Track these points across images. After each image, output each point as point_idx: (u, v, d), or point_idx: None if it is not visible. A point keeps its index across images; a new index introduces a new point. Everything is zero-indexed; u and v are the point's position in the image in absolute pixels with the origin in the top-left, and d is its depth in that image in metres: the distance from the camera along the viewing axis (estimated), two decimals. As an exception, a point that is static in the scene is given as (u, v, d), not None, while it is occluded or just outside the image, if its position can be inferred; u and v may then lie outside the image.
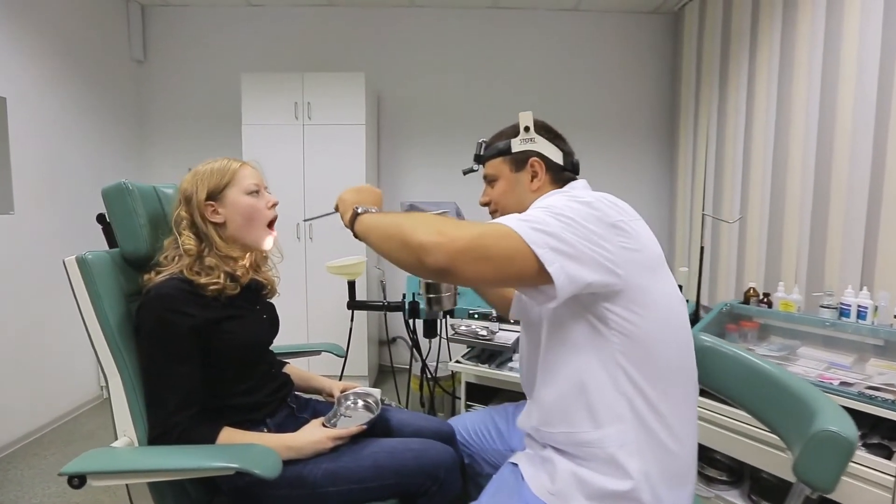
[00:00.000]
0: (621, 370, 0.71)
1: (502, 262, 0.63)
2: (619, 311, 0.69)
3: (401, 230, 0.65)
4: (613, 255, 0.67)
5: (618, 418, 0.72)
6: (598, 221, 0.67)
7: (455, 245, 0.61)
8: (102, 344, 0.86)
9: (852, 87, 1.76)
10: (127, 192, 0.92)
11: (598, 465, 0.74)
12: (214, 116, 3.00)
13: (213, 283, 0.92)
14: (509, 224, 0.65)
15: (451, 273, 0.62)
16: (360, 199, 0.87)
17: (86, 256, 0.86)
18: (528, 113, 0.91)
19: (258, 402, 0.98)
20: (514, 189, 0.92)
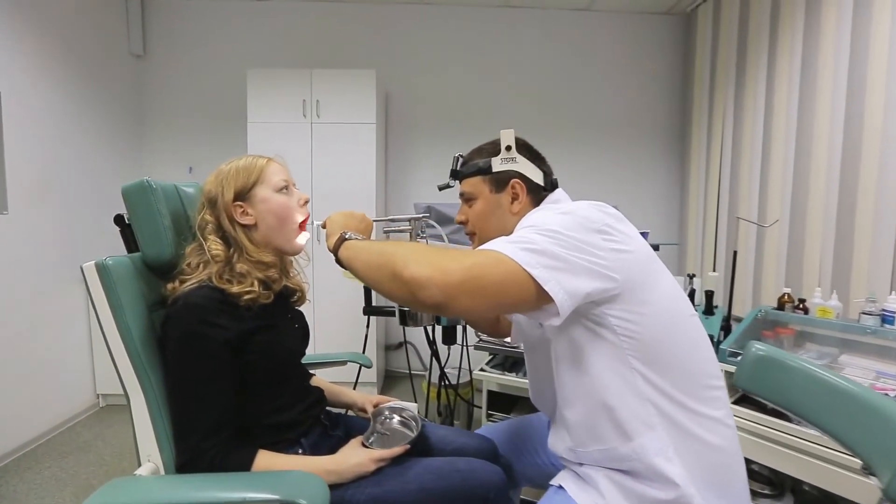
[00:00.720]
0: (638, 375, 0.69)
1: (499, 289, 0.61)
2: (621, 314, 0.68)
3: (391, 261, 0.62)
4: (606, 259, 0.65)
5: (647, 426, 0.70)
6: (584, 229, 0.66)
7: (449, 278, 0.58)
8: (124, 359, 0.77)
9: (882, 89, 1.72)
10: (150, 191, 0.84)
11: (642, 477, 0.71)
12: (218, 114, 2.90)
13: (247, 291, 0.84)
14: (499, 249, 0.63)
15: (448, 307, 0.59)
16: (349, 225, 0.84)
17: (106, 262, 0.77)
18: (510, 131, 0.87)
19: (292, 420, 0.90)
20: (493, 211, 0.88)
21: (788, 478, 1.33)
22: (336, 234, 0.81)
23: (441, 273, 0.58)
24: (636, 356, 0.69)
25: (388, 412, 1.07)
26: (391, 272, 0.62)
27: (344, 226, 0.84)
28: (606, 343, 0.69)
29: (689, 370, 0.71)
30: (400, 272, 0.60)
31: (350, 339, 2.38)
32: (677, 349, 0.71)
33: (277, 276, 0.92)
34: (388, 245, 0.70)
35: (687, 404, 0.70)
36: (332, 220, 0.87)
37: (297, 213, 0.94)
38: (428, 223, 1.19)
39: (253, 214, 0.90)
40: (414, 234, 1.08)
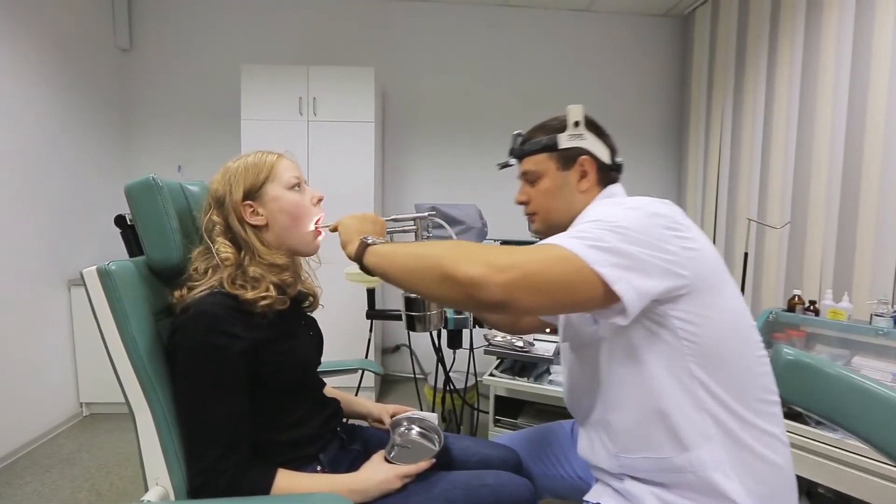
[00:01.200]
0: (697, 382, 0.65)
1: (563, 287, 0.58)
2: (685, 315, 0.64)
3: (438, 263, 0.59)
4: (677, 256, 0.62)
5: (705, 437, 0.66)
6: (654, 225, 0.63)
7: (509, 276, 0.55)
8: (129, 373, 0.70)
9: (885, 90, 1.73)
10: (157, 190, 0.77)
11: (693, 492, 0.67)
12: (209, 111, 2.80)
13: (263, 296, 0.78)
14: (564, 245, 0.59)
15: (508, 306, 0.56)
16: (365, 229, 0.80)
17: (109, 267, 0.70)
18: (579, 106, 0.83)
19: (310, 435, 0.84)
20: (560, 189, 0.83)
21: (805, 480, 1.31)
22: (354, 239, 0.76)
23: (498, 271, 0.55)
24: (697, 362, 0.65)
25: (407, 423, 1.02)
26: (440, 274, 0.58)
27: (360, 230, 0.79)
28: (666, 345, 0.66)
29: (749, 382, 0.68)
30: (452, 273, 0.57)
31: (349, 344, 2.32)
32: (739, 359, 0.67)
33: (292, 279, 0.86)
34: (425, 246, 0.66)
35: (746, 418, 0.66)
36: (346, 224, 0.81)
37: (311, 211, 0.88)
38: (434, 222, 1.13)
39: (264, 214, 0.84)
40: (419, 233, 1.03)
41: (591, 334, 0.75)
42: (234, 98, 2.49)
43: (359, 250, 0.74)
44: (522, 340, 1.61)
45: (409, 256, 0.66)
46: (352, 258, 0.76)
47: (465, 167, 3.01)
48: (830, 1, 1.96)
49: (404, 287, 0.68)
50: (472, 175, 3.01)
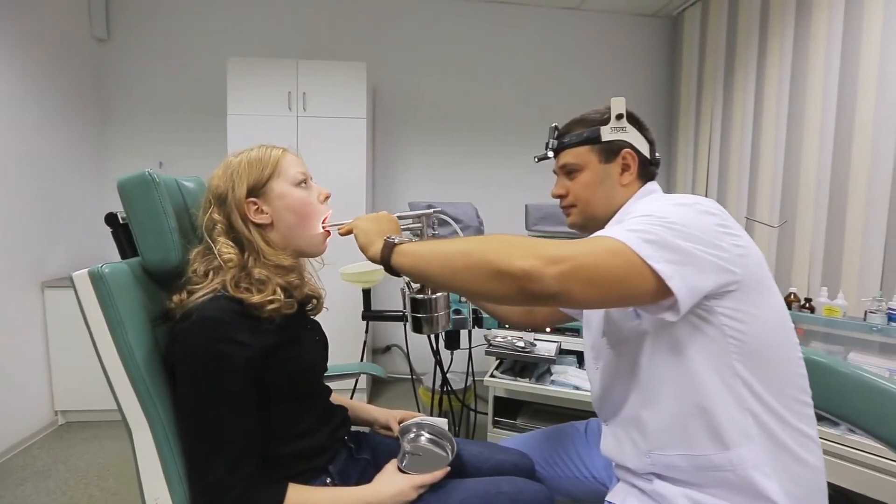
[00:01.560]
0: (740, 380, 0.65)
1: (615, 280, 0.58)
2: (733, 312, 0.64)
3: (485, 259, 0.58)
4: (728, 253, 0.62)
5: (746, 436, 0.66)
6: (706, 222, 0.63)
7: (563, 268, 0.55)
8: (125, 385, 0.65)
9: (873, 91, 1.77)
10: (153, 186, 0.71)
11: (729, 492, 0.67)
12: (193, 105, 2.69)
13: (270, 300, 0.73)
14: (618, 238, 0.59)
15: (561, 298, 0.57)
16: (384, 229, 0.77)
17: (102, 270, 0.65)
18: (621, 99, 0.82)
19: (319, 445, 0.80)
20: (602, 182, 0.83)
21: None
22: (376, 241, 0.73)
23: (551, 262, 0.55)
24: (741, 360, 0.65)
25: (416, 429, 0.98)
26: (490, 269, 0.57)
27: (379, 231, 0.75)
28: (711, 341, 0.65)
29: (789, 382, 0.68)
30: (503, 267, 0.56)
31: (343, 345, 2.25)
32: (781, 358, 0.67)
33: (299, 281, 0.82)
34: (462, 242, 0.65)
35: (786, 418, 0.66)
36: (362, 227, 0.77)
37: (319, 209, 0.84)
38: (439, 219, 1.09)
39: (269, 212, 0.79)
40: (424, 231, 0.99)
41: (632, 329, 0.74)
42: (220, 92, 2.40)
43: (384, 252, 0.70)
44: (523, 341, 1.59)
45: (449, 255, 0.63)
46: (376, 260, 0.72)
47: (458, 165, 2.98)
48: (820, 3, 2.00)
49: (443, 285, 0.66)
50: (465, 174, 2.98)
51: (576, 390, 1.52)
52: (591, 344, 0.92)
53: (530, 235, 2.10)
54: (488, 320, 1.73)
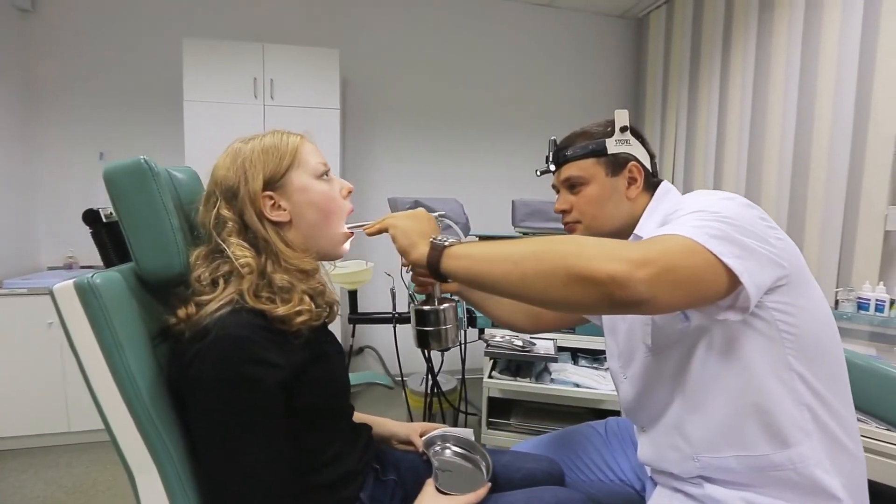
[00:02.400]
0: (796, 375, 0.64)
1: (695, 281, 0.55)
2: (783, 306, 0.63)
3: (562, 263, 0.53)
4: (776, 247, 0.61)
5: (805, 433, 0.64)
6: (752, 217, 0.62)
7: (651, 271, 0.51)
8: (126, 423, 0.53)
9: (832, 90, 1.89)
10: (152, 177, 0.58)
11: (790, 491, 0.65)
12: (140, 88, 2.40)
13: (298, 311, 0.62)
14: (689, 235, 0.56)
15: (648, 305, 0.52)
16: (426, 229, 0.70)
17: (93, 281, 0.52)
18: (625, 111, 0.81)
19: (351, 471, 0.71)
20: (610, 196, 0.81)
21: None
22: (420, 242, 0.66)
23: (639, 266, 0.50)
24: (795, 354, 0.63)
25: (441, 442, 0.91)
26: (569, 275, 0.52)
27: (421, 231, 0.68)
28: (764, 338, 0.64)
29: (839, 375, 0.67)
30: (586, 272, 0.51)
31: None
32: (831, 350, 0.67)
33: (322, 287, 0.72)
34: (529, 244, 0.58)
35: (839, 411, 0.65)
36: (401, 227, 0.69)
37: (343, 206, 0.74)
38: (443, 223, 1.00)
39: (287, 208, 0.68)
40: None
41: (680, 332, 0.71)
42: (173, 75, 2.16)
43: (433, 255, 0.63)
44: (521, 340, 1.56)
45: (517, 256, 0.57)
46: (421, 264, 0.64)
47: (437, 161, 2.90)
48: (781, 6, 2.11)
49: (505, 291, 0.58)
50: (445, 169, 2.91)
51: (576, 388, 1.51)
52: (618, 352, 0.89)
53: (517, 232, 2.07)
54: (481, 320, 1.68)
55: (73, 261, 2.28)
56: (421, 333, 0.77)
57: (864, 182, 1.82)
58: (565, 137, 0.86)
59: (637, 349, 0.83)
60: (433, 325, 0.75)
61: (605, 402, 1.56)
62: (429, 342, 0.76)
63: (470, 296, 0.93)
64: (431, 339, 0.76)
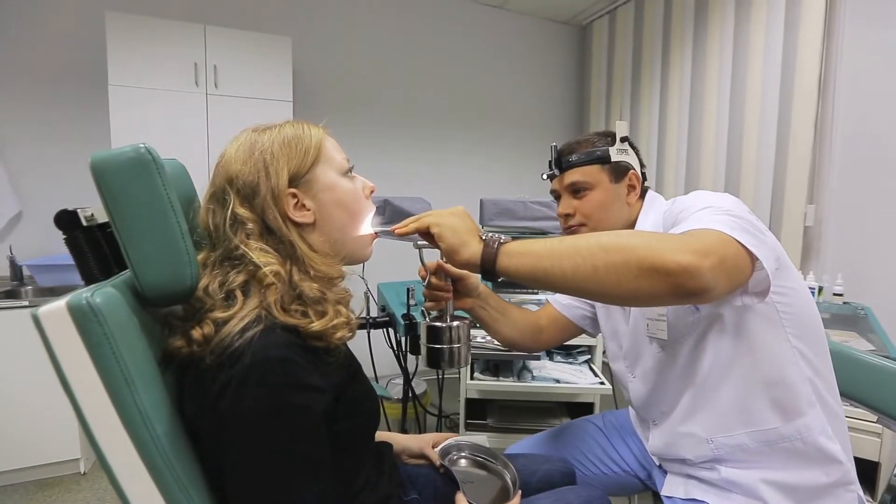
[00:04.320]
0: (797, 352, 0.70)
1: (737, 268, 0.58)
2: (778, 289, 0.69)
3: (634, 255, 0.54)
4: (768, 236, 0.66)
5: (809, 404, 0.71)
6: (746, 210, 0.67)
7: (714, 261, 0.54)
8: (141, 475, 0.42)
9: (758, 95, 2.12)
10: (156, 169, 0.47)
11: (802, 462, 0.71)
12: (51, 69, 2.03)
13: (334, 325, 0.55)
14: (719, 228, 0.59)
15: (710, 293, 0.54)
16: (471, 227, 0.67)
17: (93, 300, 0.40)
18: (625, 123, 0.88)
19: (384, 496, 0.64)
20: (613, 202, 0.86)
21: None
22: (471, 240, 0.63)
23: (703, 256, 0.53)
24: (794, 332, 0.70)
25: (456, 451, 0.87)
26: (641, 267, 0.53)
27: (469, 228, 0.64)
28: (767, 319, 0.70)
29: (826, 349, 0.74)
30: (658, 264, 0.52)
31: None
32: (817, 326, 0.73)
33: (349, 295, 0.64)
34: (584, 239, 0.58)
35: (830, 382, 0.73)
36: (448, 224, 0.64)
37: (367, 206, 0.67)
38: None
39: (312, 208, 0.60)
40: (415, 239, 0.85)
41: (692, 324, 0.75)
42: (94, 55, 1.87)
43: (488, 252, 0.60)
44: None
45: (585, 250, 0.56)
46: (473, 263, 0.61)
47: (396, 159, 2.81)
48: (713, 18, 2.32)
49: (570, 287, 0.57)
50: (404, 168, 2.83)
51: (557, 384, 1.53)
52: (622, 353, 0.92)
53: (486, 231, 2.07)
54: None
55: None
56: (432, 352, 0.72)
57: (786, 182, 2.05)
58: (566, 144, 0.89)
59: (644, 347, 0.86)
60: (447, 344, 0.71)
61: (581, 395, 1.61)
62: (440, 362, 0.72)
63: (483, 313, 0.90)
64: (443, 358, 0.72)
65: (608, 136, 0.87)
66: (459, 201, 2.36)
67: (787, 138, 2.03)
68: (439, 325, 0.71)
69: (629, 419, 1.06)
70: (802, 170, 1.99)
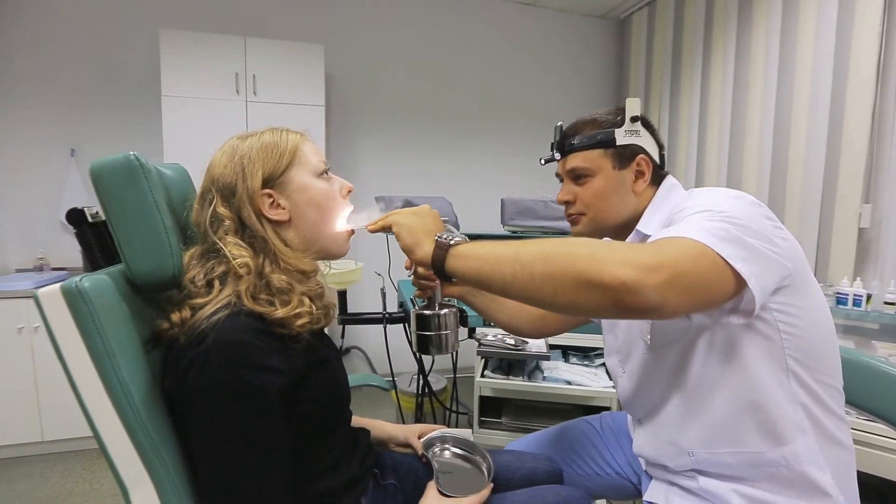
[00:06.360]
0: (793, 376, 0.65)
1: (704, 285, 0.54)
2: (785, 307, 0.63)
3: (571, 266, 0.51)
4: (780, 247, 0.60)
5: (799, 431, 0.65)
6: (759, 216, 0.61)
7: (663, 277, 0.49)
8: (120, 437, 0.50)
9: (807, 90, 1.95)
10: (144, 174, 0.55)
11: (783, 486, 0.67)
12: (114, 81, 2.30)
13: (298, 314, 0.60)
14: (696, 238, 0.55)
15: (658, 311, 0.51)
16: (430, 227, 0.68)
17: (81, 285, 0.49)
18: (637, 100, 0.77)
19: (352, 478, 0.69)
20: (615, 189, 0.78)
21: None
22: (425, 240, 0.64)
23: (650, 271, 0.49)
24: (794, 355, 0.64)
25: (440, 443, 0.90)
26: (579, 279, 0.50)
27: (426, 229, 0.66)
28: (765, 339, 0.64)
29: (835, 371, 0.68)
30: (595, 277, 0.49)
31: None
32: (828, 350, 0.67)
33: (321, 289, 0.70)
34: (537, 245, 0.56)
35: (832, 408, 0.67)
36: (405, 224, 0.67)
37: (342, 205, 0.72)
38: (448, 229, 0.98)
39: (286, 207, 0.66)
40: None
41: (682, 331, 0.71)
42: (151, 69, 2.08)
43: (438, 253, 0.61)
44: (513, 338, 1.55)
45: (526, 258, 0.55)
46: (426, 262, 0.63)
47: (421, 159, 2.88)
48: (760, 7, 2.17)
49: (512, 293, 0.57)
50: (429, 167, 2.89)
51: (568, 385, 1.52)
52: (616, 347, 0.90)
53: (506, 231, 2.07)
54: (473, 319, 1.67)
55: (43, 262, 2.17)
56: (421, 338, 0.75)
57: (839, 180, 1.88)
58: (572, 124, 0.82)
59: (635, 345, 0.83)
60: (434, 331, 0.74)
61: (596, 399, 1.58)
62: (428, 348, 0.75)
63: (474, 299, 0.91)
64: (431, 344, 0.75)
65: (618, 115, 0.78)
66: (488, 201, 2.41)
67: (839, 132, 1.87)
68: (427, 312, 0.74)
69: (626, 422, 1.05)
70: (857, 166, 1.82)
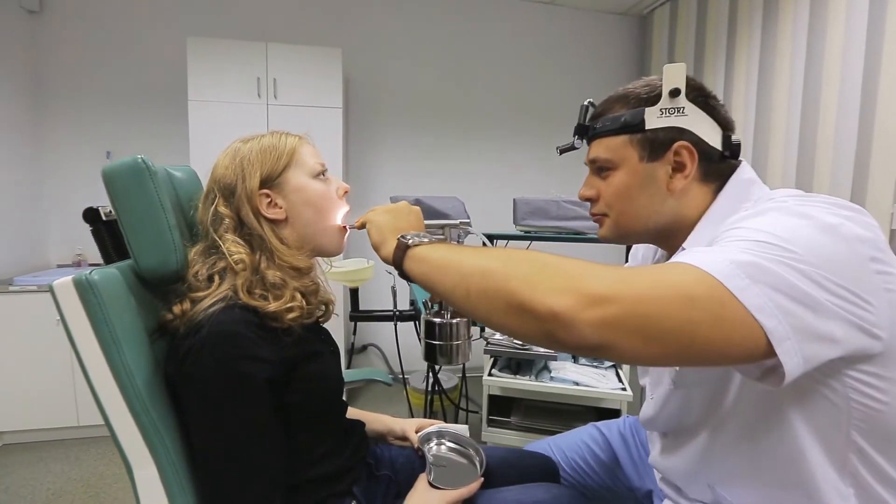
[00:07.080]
0: (854, 448, 0.51)
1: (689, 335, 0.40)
2: (868, 378, 0.48)
3: (503, 287, 0.43)
4: (875, 308, 0.44)
5: (840, 497, 0.54)
6: (854, 258, 0.44)
7: (605, 313, 0.39)
8: (125, 417, 0.54)
9: (836, 90, 1.87)
10: (150, 176, 0.60)
11: None
12: (146, 88, 2.43)
13: (289, 308, 0.64)
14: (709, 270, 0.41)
15: (607, 353, 0.41)
16: (400, 224, 0.63)
17: (91, 277, 0.53)
18: (681, 65, 0.57)
19: (343, 466, 0.72)
20: (642, 187, 0.62)
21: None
22: (390, 239, 0.60)
23: (591, 304, 0.39)
24: (863, 428, 0.50)
25: (437, 438, 0.92)
26: (509, 302, 0.42)
27: (395, 227, 0.62)
28: (828, 405, 0.50)
29: None
30: (527, 303, 0.41)
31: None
32: None
33: (315, 285, 0.73)
34: (486, 256, 0.48)
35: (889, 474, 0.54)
36: (375, 221, 0.65)
37: (339, 205, 0.75)
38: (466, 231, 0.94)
39: (283, 206, 0.70)
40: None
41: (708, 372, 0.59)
42: (178, 75, 2.19)
43: (397, 253, 0.57)
44: (521, 338, 1.57)
45: (466, 270, 0.48)
46: (388, 262, 0.60)
47: (438, 159, 2.91)
48: (786, 5, 2.10)
49: (455, 307, 0.54)
50: (443, 167, 2.92)
51: (576, 386, 1.52)
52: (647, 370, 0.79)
53: (519, 231, 2.07)
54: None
55: (81, 258, 2.31)
56: (429, 347, 0.70)
57: (869, 181, 1.80)
58: (603, 102, 0.68)
59: (663, 377, 0.71)
60: (444, 340, 0.69)
61: (604, 400, 1.57)
62: (437, 357, 0.70)
63: None
64: (440, 354, 0.70)
65: (654, 90, 0.61)
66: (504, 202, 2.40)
67: (870, 131, 1.78)
68: (437, 320, 0.69)
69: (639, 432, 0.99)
70: (889, 166, 1.73)
